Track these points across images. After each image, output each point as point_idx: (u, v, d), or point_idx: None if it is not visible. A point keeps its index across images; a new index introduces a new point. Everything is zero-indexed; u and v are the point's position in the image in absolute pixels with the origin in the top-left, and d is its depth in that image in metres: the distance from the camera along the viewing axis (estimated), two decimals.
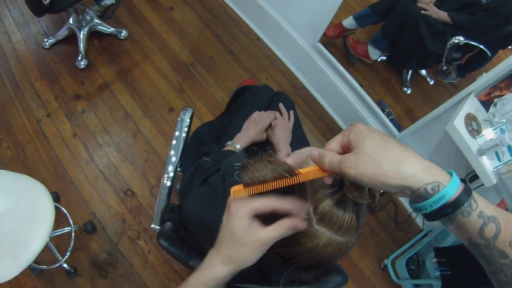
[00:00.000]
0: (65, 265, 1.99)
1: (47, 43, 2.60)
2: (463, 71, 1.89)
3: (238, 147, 1.37)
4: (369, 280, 2.31)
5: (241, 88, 1.82)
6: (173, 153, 1.37)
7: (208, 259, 0.65)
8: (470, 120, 1.67)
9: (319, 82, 2.64)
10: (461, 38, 1.75)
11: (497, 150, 1.58)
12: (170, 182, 1.33)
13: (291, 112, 1.60)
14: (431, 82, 2.10)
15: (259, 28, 2.87)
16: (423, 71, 2.12)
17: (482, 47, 1.70)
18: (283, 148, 1.45)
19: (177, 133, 1.40)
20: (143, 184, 2.31)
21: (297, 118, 1.64)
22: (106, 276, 2.09)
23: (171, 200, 1.32)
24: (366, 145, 0.54)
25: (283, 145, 1.47)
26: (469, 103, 1.70)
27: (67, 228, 2.03)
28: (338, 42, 2.36)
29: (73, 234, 2.04)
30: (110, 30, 2.66)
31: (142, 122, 2.48)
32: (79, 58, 2.55)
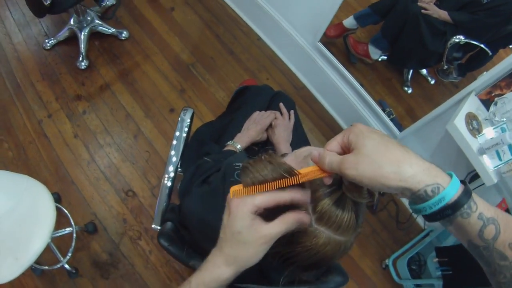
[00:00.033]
0: (67, 266, 2.00)
1: (48, 44, 2.61)
2: (464, 71, 1.89)
3: (239, 147, 1.37)
4: (371, 280, 2.31)
5: (242, 88, 1.82)
6: (174, 153, 1.37)
7: (211, 260, 0.63)
8: (471, 119, 1.66)
9: (320, 82, 2.63)
10: (462, 38, 1.75)
11: (498, 149, 1.58)
12: (171, 182, 1.33)
13: (292, 112, 1.60)
14: (432, 82, 2.09)
15: (260, 28, 2.87)
16: (424, 71, 2.11)
17: (483, 46, 1.70)
18: (284, 148, 1.45)
19: (178, 133, 1.40)
20: (144, 185, 2.31)
21: (298, 118, 1.64)
22: (108, 277, 2.09)
23: (172, 200, 1.32)
24: (366, 146, 0.54)
25: (284, 145, 1.47)
26: (470, 102, 1.70)
27: (69, 229, 2.03)
28: (339, 42, 2.35)
29: (75, 235, 2.04)
30: (111, 31, 2.67)
31: (143, 123, 2.48)
32: (80, 59, 2.56)
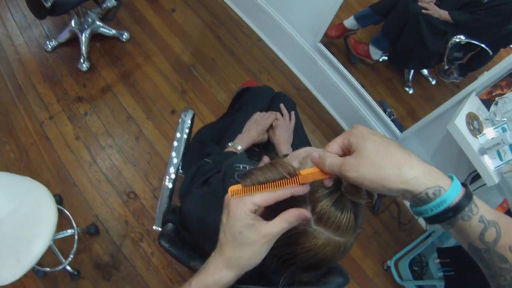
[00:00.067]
0: (69, 268, 2.00)
1: (49, 46, 2.61)
2: (465, 71, 1.88)
3: (239, 148, 1.37)
4: (372, 282, 2.31)
5: (243, 90, 1.82)
6: (175, 155, 1.37)
7: (211, 263, 0.62)
8: (472, 119, 1.66)
9: (321, 83, 2.63)
10: (462, 37, 1.75)
11: (499, 149, 1.58)
12: (172, 184, 1.33)
13: (292, 113, 1.60)
14: (433, 82, 2.09)
15: (261, 29, 2.87)
16: (425, 71, 2.11)
17: (484, 46, 1.69)
18: (284, 149, 1.45)
19: (178, 135, 1.40)
20: (146, 186, 2.32)
21: (298, 119, 1.63)
22: (109, 279, 2.09)
23: (174, 202, 1.32)
24: (367, 148, 0.54)
25: (284, 146, 1.47)
26: (470, 102, 1.70)
27: (70, 231, 2.04)
28: (339, 43, 2.35)
29: (76, 237, 2.05)
30: (112, 33, 2.67)
31: (145, 124, 2.49)
32: (81, 61, 2.56)
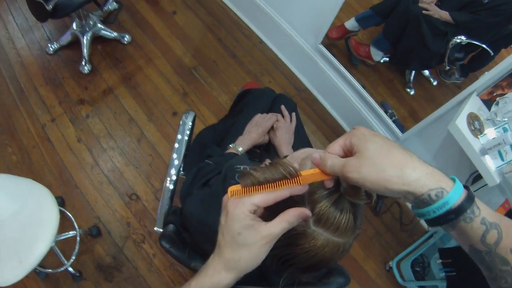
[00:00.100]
0: (71, 269, 2.01)
1: (51, 49, 2.62)
2: (466, 71, 1.88)
3: (240, 150, 1.37)
4: (375, 283, 2.30)
5: (244, 92, 1.83)
6: (176, 156, 1.38)
7: (210, 265, 0.62)
8: (473, 120, 1.66)
9: (322, 84, 2.64)
10: (463, 38, 1.75)
11: (500, 149, 1.58)
12: (173, 185, 1.34)
13: (293, 114, 1.60)
14: (435, 83, 2.09)
15: (262, 31, 2.88)
16: (426, 72, 2.11)
17: (485, 47, 1.69)
18: (285, 150, 1.45)
19: (179, 136, 1.41)
20: (148, 188, 2.32)
21: (299, 120, 1.63)
22: (111, 280, 2.10)
23: (175, 203, 1.33)
24: (369, 149, 0.54)
25: (285, 147, 1.46)
26: (471, 103, 1.70)
27: (72, 232, 2.04)
28: (340, 44, 2.35)
29: (78, 238, 2.06)
30: (113, 35, 2.68)
31: (146, 126, 2.49)
32: (83, 63, 2.57)
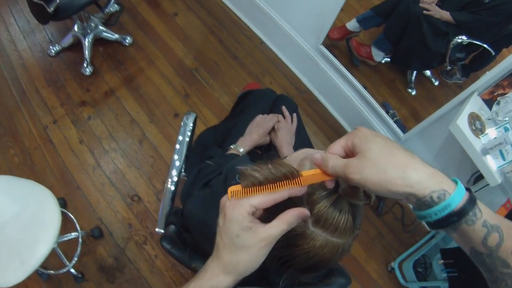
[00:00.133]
0: (73, 270, 2.01)
1: (53, 51, 2.63)
2: (468, 71, 1.88)
3: (241, 151, 1.37)
4: (377, 283, 2.30)
5: (245, 93, 1.83)
6: (177, 157, 1.38)
7: (208, 268, 0.60)
8: (474, 119, 1.66)
9: (323, 85, 2.64)
10: (464, 38, 1.75)
11: (501, 149, 1.57)
12: (174, 186, 1.34)
13: (294, 115, 1.60)
14: (436, 83, 2.09)
15: (263, 32, 2.88)
16: (428, 72, 2.11)
17: (486, 46, 1.69)
18: (286, 151, 1.45)
19: (181, 138, 1.41)
20: (149, 190, 2.32)
21: (300, 121, 1.63)
22: (113, 281, 2.10)
23: (176, 204, 1.33)
24: (372, 150, 0.53)
25: (287, 148, 1.47)
26: (472, 102, 1.69)
27: (74, 234, 2.05)
28: (342, 45, 2.36)
29: (80, 240, 2.06)
30: (115, 37, 2.68)
31: (148, 128, 2.49)
32: (85, 65, 2.58)
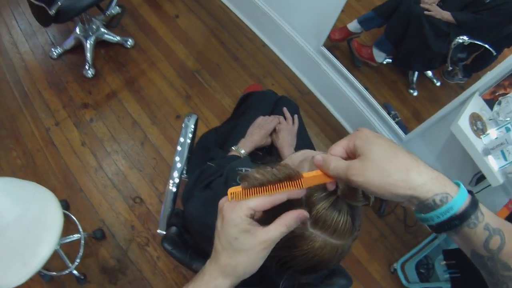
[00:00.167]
0: (75, 272, 2.01)
1: (55, 53, 2.64)
2: (469, 71, 1.88)
3: (243, 152, 1.37)
4: (379, 284, 2.29)
5: (246, 94, 1.83)
6: (178, 159, 1.38)
7: (207, 271, 0.60)
8: (475, 120, 1.66)
9: (325, 86, 2.64)
10: (465, 38, 1.75)
11: (503, 149, 1.57)
12: (176, 188, 1.34)
13: (295, 116, 1.60)
14: (438, 84, 2.09)
15: (264, 34, 2.88)
16: (429, 73, 2.11)
17: (487, 46, 1.69)
18: (288, 153, 1.45)
19: (182, 139, 1.41)
20: (152, 191, 2.33)
21: (302, 122, 1.63)
22: (116, 283, 2.10)
23: (178, 206, 1.33)
24: (374, 152, 0.53)
25: (288, 149, 1.47)
26: (474, 103, 1.69)
27: (77, 235, 2.05)
28: (343, 46, 2.36)
29: (83, 241, 2.07)
30: (117, 39, 2.69)
31: (150, 130, 2.50)
32: (86, 67, 2.58)
